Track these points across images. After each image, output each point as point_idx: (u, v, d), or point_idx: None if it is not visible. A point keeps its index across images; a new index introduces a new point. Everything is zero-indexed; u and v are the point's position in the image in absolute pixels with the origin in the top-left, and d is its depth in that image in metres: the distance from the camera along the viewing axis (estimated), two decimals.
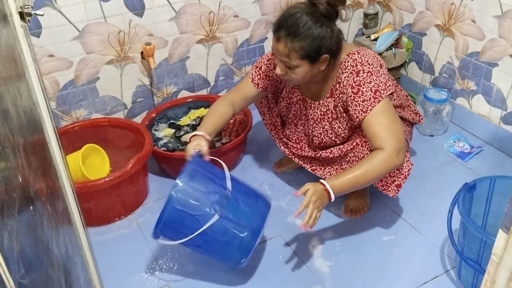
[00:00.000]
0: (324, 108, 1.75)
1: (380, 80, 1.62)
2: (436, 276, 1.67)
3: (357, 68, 1.62)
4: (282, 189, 2.07)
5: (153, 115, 2.26)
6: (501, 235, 0.73)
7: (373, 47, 2.51)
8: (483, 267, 1.44)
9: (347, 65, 1.64)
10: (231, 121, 2.20)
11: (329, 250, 1.78)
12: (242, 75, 2.50)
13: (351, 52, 1.65)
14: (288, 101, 1.87)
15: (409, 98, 1.97)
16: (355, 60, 1.63)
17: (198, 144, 1.66)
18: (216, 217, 1.52)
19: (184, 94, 2.41)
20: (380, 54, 2.50)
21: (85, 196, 1.81)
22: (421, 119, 2.00)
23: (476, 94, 2.30)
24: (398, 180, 1.68)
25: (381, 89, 1.61)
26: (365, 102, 1.60)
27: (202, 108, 2.34)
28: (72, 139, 2.08)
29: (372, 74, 1.61)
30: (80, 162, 1.86)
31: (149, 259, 1.78)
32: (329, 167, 1.82)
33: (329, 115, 1.75)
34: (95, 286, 1.29)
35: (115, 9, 2.05)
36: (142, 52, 2.17)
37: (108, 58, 2.14)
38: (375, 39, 2.55)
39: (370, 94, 1.60)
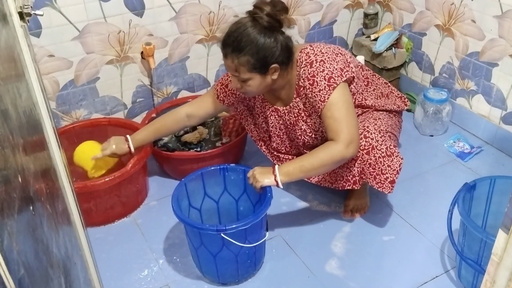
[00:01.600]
0: (295, 109, 1.76)
1: (334, 67, 1.62)
2: (436, 276, 1.67)
3: (310, 60, 1.64)
4: (281, 189, 2.07)
5: (153, 115, 2.26)
6: (501, 235, 0.72)
7: (373, 47, 2.51)
8: (483, 267, 1.44)
9: (302, 60, 1.65)
10: (231, 120, 2.21)
11: (329, 250, 1.78)
12: None
13: (303, 48, 1.67)
14: (263, 115, 1.88)
15: (389, 84, 1.97)
16: (307, 54, 1.65)
17: (111, 149, 1.85)
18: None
19: (184, 94, 2.40)
20: (380, 54, 2.51)
21: (85, 196, 1.81)
22: (407, 102, 1.99)
23: (476, 94, 2.30)
24: (391, 177, 1.68)
25: (335, 76, 1.61)
26: (321, 92, 1.61)
27: None
28: (72, 139, 2.07)
29: (325, 62, 1.62)
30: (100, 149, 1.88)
31: (149, 259, 1.78)
32: (324, 174, 1.82)
33: (302, 114, 1.75)
34: (95, 286, 1.29)
35: (115, 9, 2.05)
36: (142, 52, 2.17)
37: (108, 58, 2.14)
38: (375, 39, 2.55)
39: (324, 83, 1.61)
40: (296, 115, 1.76)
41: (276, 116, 1.83)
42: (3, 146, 0.66)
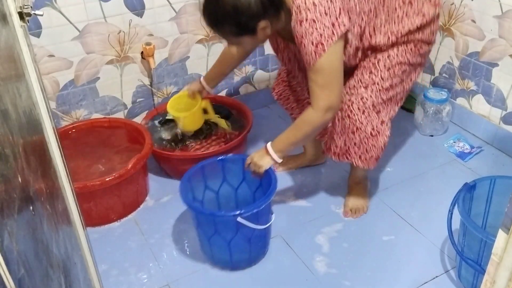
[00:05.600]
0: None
1: (324, 25, 1.45)
2: (436, 276, 1.67)
3: (300, 17, 1.47)
4: (282, 189, 2.07)
5: (153, 115, 2.26)
6: (501, 235, 0.72)
7: None
8: (483, 267, 1.44)
9: (293, 14, 1.49)
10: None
11: (329, 250, 1.78)
12: (242, 75, 2.50)
13: None
14: (281, 49, 1.80)
15: None
16: (298, 7, 1.46)
17: (188, 88, 2.02)
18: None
19: None
20: None
21: (85, 196, 1.81)
22: (438, 1, 1.73)
23: (476, 94, 2.30)
24: (376, 154, 1.75)
25: (324, 39, 1.47)
26: (308, 56, 1.52)
27: None
28: (72, 139, 2.07)
29: (315, 21, 1.45)
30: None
31: (149, 259, 1.78)
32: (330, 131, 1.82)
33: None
34: (95, 286, 1.29)
35: (115, 9, 2.05)
36: (142, 52, 2.17)
37: (108, 58, 2.14)
38: None
39: (312, 48, 1.48)
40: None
41: (289, 51, 1.77)
42: (3, 146, 0.66)
